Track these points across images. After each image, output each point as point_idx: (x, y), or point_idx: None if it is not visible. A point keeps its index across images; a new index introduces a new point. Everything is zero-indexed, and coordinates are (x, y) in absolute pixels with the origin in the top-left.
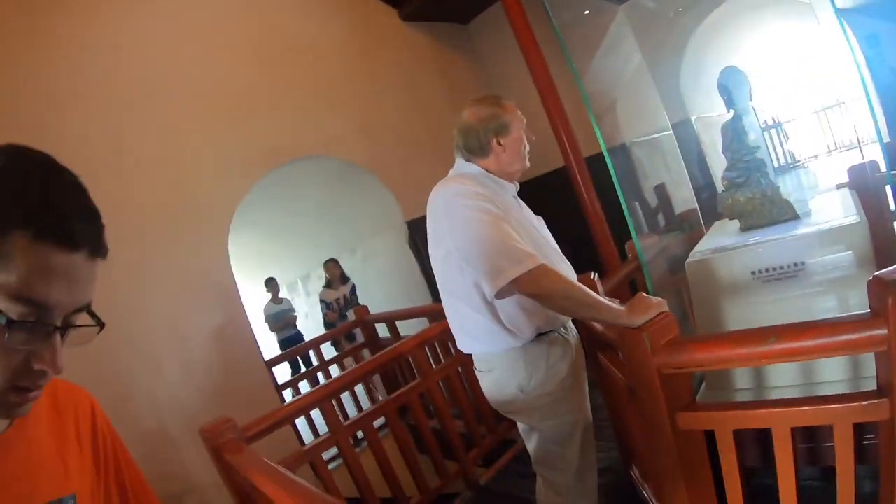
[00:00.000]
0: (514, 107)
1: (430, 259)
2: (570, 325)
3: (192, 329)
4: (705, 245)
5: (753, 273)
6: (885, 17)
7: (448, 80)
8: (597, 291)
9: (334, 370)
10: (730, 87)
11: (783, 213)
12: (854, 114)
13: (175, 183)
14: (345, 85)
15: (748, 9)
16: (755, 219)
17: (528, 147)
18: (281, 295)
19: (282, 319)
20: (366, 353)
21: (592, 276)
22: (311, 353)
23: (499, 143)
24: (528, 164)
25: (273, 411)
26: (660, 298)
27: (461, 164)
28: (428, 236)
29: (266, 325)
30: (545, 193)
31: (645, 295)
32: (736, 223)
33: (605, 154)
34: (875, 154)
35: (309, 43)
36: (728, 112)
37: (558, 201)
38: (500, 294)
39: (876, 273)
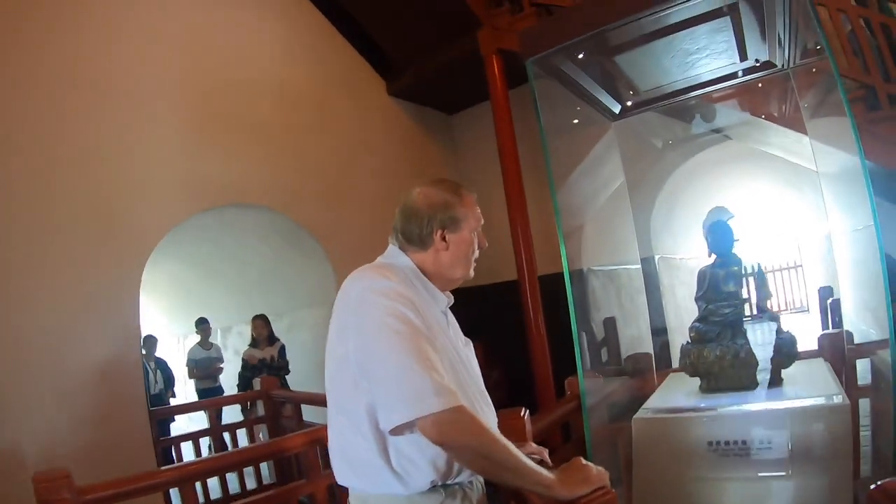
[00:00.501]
0: (474, 202)
1: (325, 358)
2: (479, 477)
3: (78, 357)
4: (658, 401)
5: (711, 444)
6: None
7: (421, 165)
8: (524, 432)
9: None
10: (716, 229)
11: (753, 380)
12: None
13: (99, 193)
14: (313, 142)
15: (735, 158)
16: (721, 381)
17: (476, 254)
18: (211, 340)
19: (207, 368)
20: (264, 428)
21: (522, 414)
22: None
23: (443, 239)
24: (472, 273)
25: (119, 479)
26: (600, 469)
27: (392, 252)
28: (329, 331)
29: (186, 370)
30: (487, 305)
31: (583, 462)
32: (695, 381)
33: (567, 276)
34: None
35: (289, 89)
36: (709, 257)
37: (499, 316)
38: (397, 431)
39: (881, 482)
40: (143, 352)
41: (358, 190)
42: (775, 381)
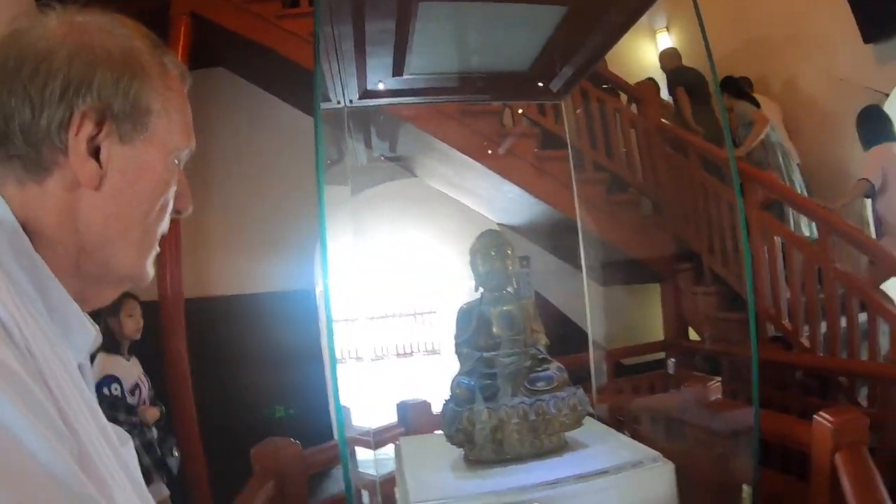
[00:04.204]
0: (185, 91)
1: None
2: None
3: None
4: (428, 486)
5: None
6: (536, 241)
7: None
8: None
9: None
10: (491, 253)
11: (548, 444)
12: None
13: None
14: None
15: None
16: (501, 450)
17: (165, 224)
18: None
19: None
20: None
21: None
22: None
23: (94, 154)
24: (152, 269)
25: None
26: None
27: None
28: None
29: None
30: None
31: None
32: (449, 450)
33: (326, 293)
34: None
35: None
36: (476, 291)
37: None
38: None
39: None
40: None
41: None
42: (561, 446)
